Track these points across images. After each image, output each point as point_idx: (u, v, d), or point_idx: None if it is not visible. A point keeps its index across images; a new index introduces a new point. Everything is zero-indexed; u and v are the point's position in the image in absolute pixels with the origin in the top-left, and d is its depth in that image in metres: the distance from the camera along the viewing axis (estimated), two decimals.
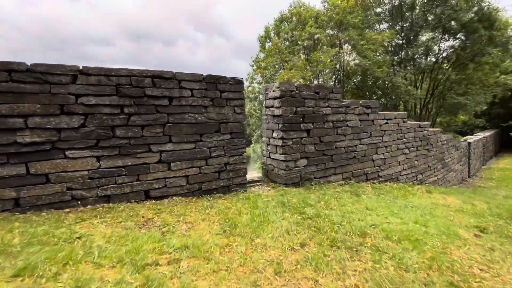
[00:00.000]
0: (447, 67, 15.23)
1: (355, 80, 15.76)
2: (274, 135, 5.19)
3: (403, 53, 14.37)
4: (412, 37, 14.66)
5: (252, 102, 14.69)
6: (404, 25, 15.16)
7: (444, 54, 15.13)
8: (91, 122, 3.38)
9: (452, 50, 14.94)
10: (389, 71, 12.79)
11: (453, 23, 13.91)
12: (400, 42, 15.12)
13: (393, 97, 13.75)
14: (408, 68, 14.82)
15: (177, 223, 2.97)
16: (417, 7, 15.18)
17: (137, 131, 3.66)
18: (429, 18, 14.71)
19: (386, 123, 6.90)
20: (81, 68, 3.30)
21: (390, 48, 15.91)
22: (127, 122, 3.60)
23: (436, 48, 15.59)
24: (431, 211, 4.40)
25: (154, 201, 3.74)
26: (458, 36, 14.42)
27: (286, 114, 4.96)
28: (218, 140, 4.30)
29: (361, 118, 6.25)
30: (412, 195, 5.69)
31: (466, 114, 17.27)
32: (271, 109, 5.26)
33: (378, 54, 12.61)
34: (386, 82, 12.59)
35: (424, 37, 14.90)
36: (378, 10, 16.35)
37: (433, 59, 15.45)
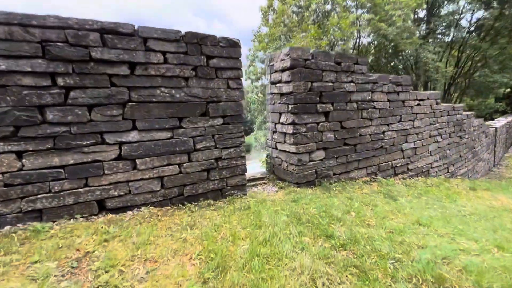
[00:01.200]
0: (478, 40, 13.37)
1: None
2: (283, 119, 3.96)
3: (431, 24, 12.52)
4: (436, 7, 12.77)
5: (254, 84, 13.20)
6: None
7: (474, 26, 13.25)
8: (3, 100, 2.18)
9: (485, 20, 12.95)
10: (420, 42, 11.08)
11: None
12: (425, 12, 13.32)
13: (420, 75, 12.08)
14: (437, 41, 13.06)
15: (130, 261, 1.81)
16: None
17: (81, 114, 2.45)
18: None
19: (418, 104, 5.61)
20: None
21: (413, 20, 13.98)
22: (65, 100, 2.40)
23: (466, 18, 13.71)
24: (497, 220, 3.21)
25: (111, 215, 2.59)
26: (492, 4, 12.53)
27: (298, 91, 3.71)
28: (206, 126, 3.08)
29: (390, 98, 4.97)
30: (456, 195, 4.49)
31: (499, 94, 15.58)
32: (278, 85, 4.00)
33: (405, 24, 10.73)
34: (411, 58, 10.79)
35: (451, 6, 13.00)
36: None
37: (463, 32, 13.57)
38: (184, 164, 2.98)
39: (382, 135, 4.90)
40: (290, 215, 2.68)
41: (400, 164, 5.32)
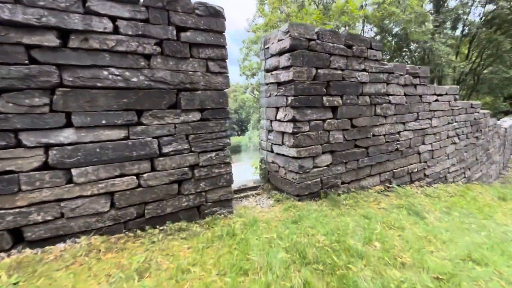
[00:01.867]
0: (491, 32, 12.43)
1: None
2: (280, 115, 3.17)
3: (441, 15, 11.58)
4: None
5: (249, 79, 12.30)
6: None
7: (484, 20, 12.31)
8: None
9: (501, 10, 11.93)
10: (433, 30, 10.13)
11: None
12: (432, 4, 12.44)
13: (432, 69, 11.17)
14: (447, 35, 12.15)
15: None
16: None
17: None
18: None
19: (436, 100, 4.86)
20: None
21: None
22: None
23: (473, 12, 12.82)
24: None
25: (31, 250, 1.78)
26: None
27: (300, 80, 2.92)
28: (177, 123, 2.28)
29: (406, 92, 4.21)
30: (488, 208, 3.75)
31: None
32: (274, 73, 3.20)
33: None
34: (416, 52, 9.76)
35: None
36: None
37: (472, 26, 12.64)
38: (145, 175, 2.17)
39: (397, 135, 4.14)
40: (291, 249, 1.89)
41: (416, 170, 4.56)
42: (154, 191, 2.21)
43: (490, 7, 11.94)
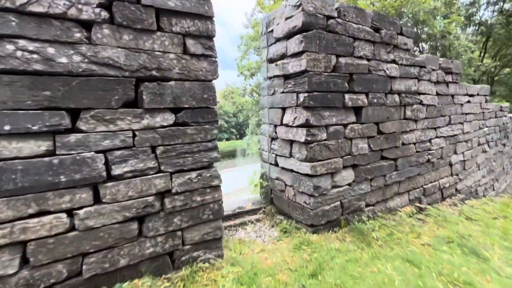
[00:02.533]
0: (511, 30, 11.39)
1: None
2: (288, 118, 2.40)
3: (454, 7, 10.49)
4: None
5: (247, 80, 11.41)
6: None
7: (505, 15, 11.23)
8: None
9: None
10: (459, 20, 9.05)
11: None
12: None
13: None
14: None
15: None
16: None
17: None
18: None
19: (468, 101, 4.12)
20: None
21: None
22: None
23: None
24: None
25: None
26: None
27: (315, 71, 2.16)
28: (137, 129, 1.51)
29: (438, 91, 3.47)
30: None
31: None
32: (280, 62, 2.44)
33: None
34: (439, 44, 8.43)
35: None
36: None
37: (489, 21, 11.51)
38: (83, 211, 1.39)
39: (428, 143, 3.39)
40: None
41: (448, 184, 3.80)
42: (99, 235, 1.43)
43: (507, 6, 11.17)
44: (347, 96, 2.38)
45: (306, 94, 2.14)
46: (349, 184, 2.54)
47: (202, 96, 1.68)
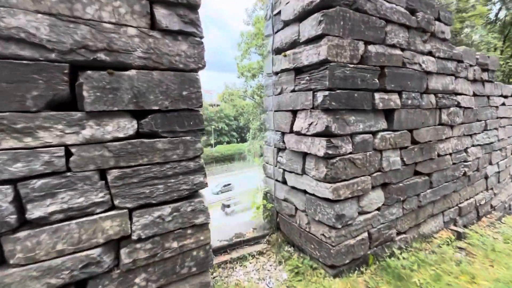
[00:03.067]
0: None
1: None
2: (301, 124, 1.84)
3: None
4: None
5: (248, 81, 10.70)
6: None
7: None
8: None
9: None
10: (485, 12, 8.13)
11: None
12: None
13: None
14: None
15: None
16: None
17: None
18: None
19: (503, 104, 3.56)
20: None
21: None
22: None
23: None
24: None
25: None
26: None
27: (339, 61, 1.61)
28: (72, 143, 0.95)
29: (475, 90, 2.92)
30: None
31: None
32: (290, 52, 1.89)
33: None
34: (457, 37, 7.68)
35: None
36: None
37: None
38: None
39: (464, 153, 2.83)
40: None
41: (484, 201, 3.23)
42: None
43: None
44: (377, 95, 1.83)
45: (326, 93, 1.59)
46: (378, 209, 1.98)
47: (180, 93, 1.13)
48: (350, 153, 1.74)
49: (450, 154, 2.62)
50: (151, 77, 1.06)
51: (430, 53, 2.23)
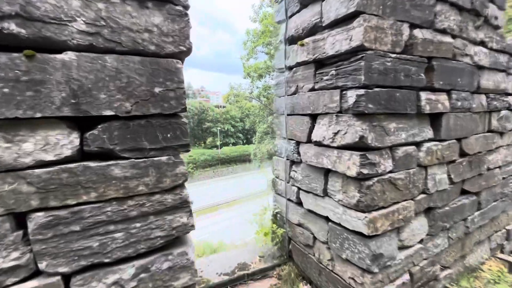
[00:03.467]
0: None
1: None
2: (322, 132, 1.42)
3: None
4: None
5: (255, 82, 10.20)
6: None
7: None
8: None
9: None
10: None
11: None
12: None
13: None
14: None
15: None
16: None
17: None
18: None
19: None
20: None
21: None
22: None
23: None
24: None
25: None
26: None
27: (378, 49, 1.20)
28: None
29: None
30: None
31: None
32: (309, 40, 1.48)
33: None
34: None
35: None
36: None
37: None
38: None
39: None
40: None
41: None
42: None
43: None
44: (423, 95, 1.40)
45: (361, 92, 1.18)
46: (420, 241, 1.54)
47: (151, 90, 0.73)
48: (390, 171, 1.31)
49: (499, 167, 2.16)
50: (101, 64, 0.67)
51: (482, 43, 1.79)
